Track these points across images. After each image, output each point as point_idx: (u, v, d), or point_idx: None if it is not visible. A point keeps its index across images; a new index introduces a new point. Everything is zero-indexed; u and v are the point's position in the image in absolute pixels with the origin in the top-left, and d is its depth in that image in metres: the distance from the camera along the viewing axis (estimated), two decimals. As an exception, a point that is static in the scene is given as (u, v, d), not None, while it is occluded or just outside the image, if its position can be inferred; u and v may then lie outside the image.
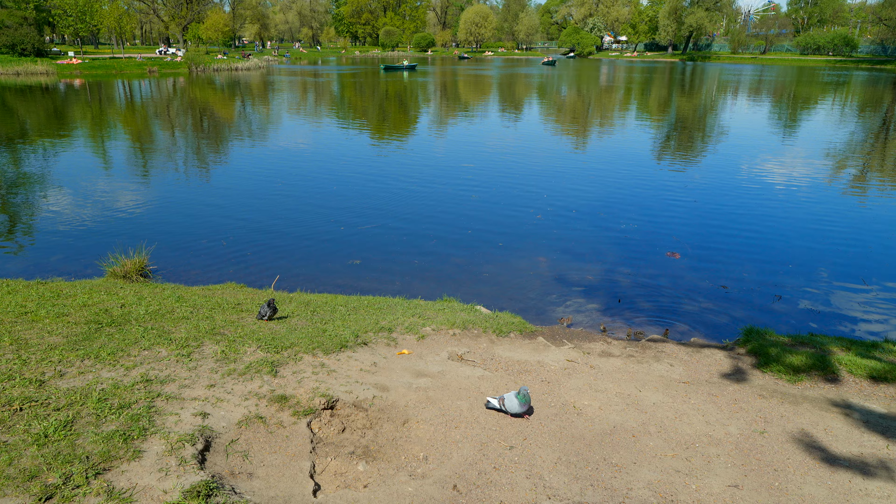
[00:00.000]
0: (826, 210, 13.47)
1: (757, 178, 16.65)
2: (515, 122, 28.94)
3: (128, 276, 8.51)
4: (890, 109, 35.63)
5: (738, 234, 11.66)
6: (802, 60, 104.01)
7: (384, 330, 6.30)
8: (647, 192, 14.93)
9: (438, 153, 20.21)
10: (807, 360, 5.74)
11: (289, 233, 11.50)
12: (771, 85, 55.67)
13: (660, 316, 8.27)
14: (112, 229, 11.54)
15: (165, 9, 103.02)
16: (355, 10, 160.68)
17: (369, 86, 50.98)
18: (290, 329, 6.12)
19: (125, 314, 6.20)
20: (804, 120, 31.02)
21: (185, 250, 10.49)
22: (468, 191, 14.75)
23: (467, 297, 8.45)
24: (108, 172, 16.86)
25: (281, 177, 16.25)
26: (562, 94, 45.12)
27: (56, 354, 4.82)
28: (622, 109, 35.82)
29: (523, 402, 4.52)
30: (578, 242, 11.16)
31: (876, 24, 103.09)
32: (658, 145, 22.59)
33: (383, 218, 12.43)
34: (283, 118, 29.74)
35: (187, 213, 12.89)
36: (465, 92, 46.53)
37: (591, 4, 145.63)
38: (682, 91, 49.47)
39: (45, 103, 34.82)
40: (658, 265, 10.07)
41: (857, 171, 17.96)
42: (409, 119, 29.79)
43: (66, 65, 58.87)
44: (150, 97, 40.11)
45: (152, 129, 25.64)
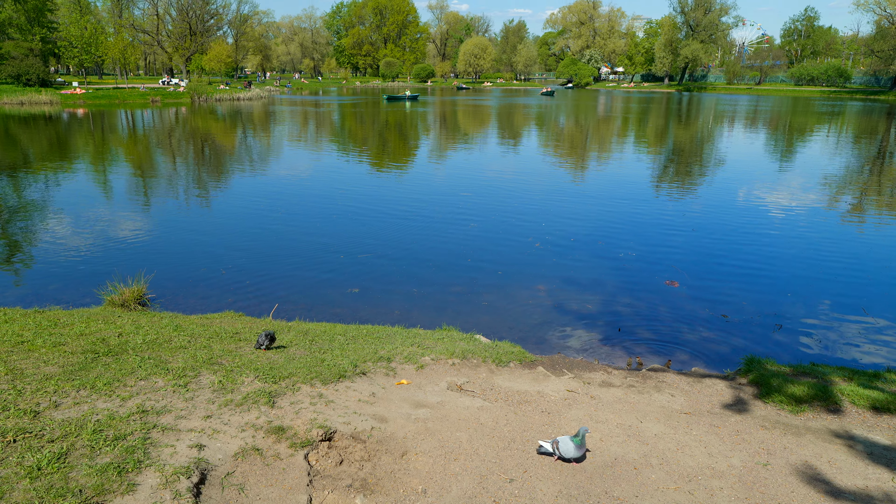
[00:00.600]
0: (824, 239, 13.51)
1: (755, 206, 16.74)
2: (514, 151, 29.20)
3: (126, 305, 8.48)
4: (885, 139, 36.00)
5: (737, 263, 11.68)
6: (797, 91, 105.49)
7: (383, 359, 6.26)
8: (646, 221, 14.98)
9: (438, 182, 20.35)
10: (809, 390, 5.70)
11: (288, 261, 11.50)
12: (767, 115, 56.34)
13: (660, 345, 8.23)
14: (111, 257, 11.54)
15: (169, 40, 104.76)
16: (356, 42, 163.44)
17: (370, 116, 51.55)
18: (288, 359, 6.08)
19: (122, 343, 6.16)
20: (800, 149, 31.32)
21: (184, 278, 10.48)
22: (467, 219, 14.80)
23: (467, 325, 8.41)
24: (109, 200, 16.93)
25: (281, 205, 16.32)
26: (560, 124, 45.61)
27: (52, 384, 4.78)
28: (620, 139, 36.18)
29: (580, 445, 4.24)
30: (577, 271, 11.16)
31: (868, 55, 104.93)
32: (656, 174, 22.76)
33: (382, 247, 12.45)
34: (284, 147, 30.00)
35: (187, 241, 12.91)
36: (464, 122, 47.03)
37: (588, 37, 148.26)
38: (680, 121, 50.04)
39: (47, 132, 35.15)
40: (657, 294, 10.05)
41: (855, 200, 18.07)
42: (409, 148, 30.06)
43: (70, 94, 59.59)
44: (152, 126, 40.51)
45: (153, 157, 25.84)
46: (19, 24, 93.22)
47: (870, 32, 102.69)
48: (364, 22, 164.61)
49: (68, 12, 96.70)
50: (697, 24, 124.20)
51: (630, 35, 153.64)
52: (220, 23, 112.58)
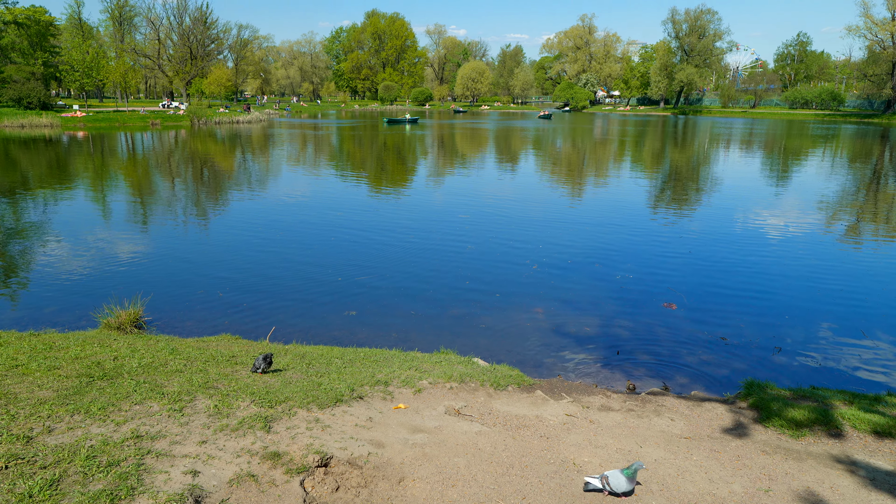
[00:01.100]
0: (821, 261, 13.54)
1: (751, 228, 16.80)
2: (512, 174, 29.36)
3: (122, 328, 8.43)
4: (879, 162, 36.30)
5: (735, 285, 11.68)
6: (791, 114, 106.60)
7: (380, 383, 6.21)
8: (642, 243, 15.02)
9: (436, 205, 20.42)
10: (809, 414, 5.66)
11: (285, 283, 11.48)
12: (762, 138, 56.85)
13: (659, 368, 8.19)
14: (108, 280, 11.51)
15: (170, 64, 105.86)
16: (355, 66, 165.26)
17: (369, 139, 51.90)
18: (285, 382, 6.03)
19: (118, 367, 6.11)
20: (796, 172, 31.55)
21: (181, 301, 10.44)
22: (465, 242, 14.82)
23: (465, 348, 8.38)
24: (107, 223, 16.95)
25: (279, 228, 16.34)
26: (558, 147, 45.95)
27: (45, 409, 4.73)
28: (617, 161, 36.42)
29: (630, 478, 4.09)
30: (575, 293, 11.15)
31: (861, 80, 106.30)
32: (653, 197, 22.88)
33: (380, 269, 12.44)
34: (283, 170, 30.15)
35: (185, 263, 12.89)
36: (462, 145, 47.36)
37: (584, 61, 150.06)
38: (676, 144, 50.45)
39: (47, 154, 35.30)
40: (655, 316, 10.03)
41: (851, 223, 18.15)
42: (408, 171, 30.21)
43: (71, 117, 59.97)
44: (151, 149, 40.73)
45: (152, 180, 25.93)
46: (22, 49, 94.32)
47: (862, 57, 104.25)
48: (363, 46, 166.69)
49: (71, 37, 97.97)
50: (692, 48, 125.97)
51: (625, 59, 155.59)
52: (220, 47, 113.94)
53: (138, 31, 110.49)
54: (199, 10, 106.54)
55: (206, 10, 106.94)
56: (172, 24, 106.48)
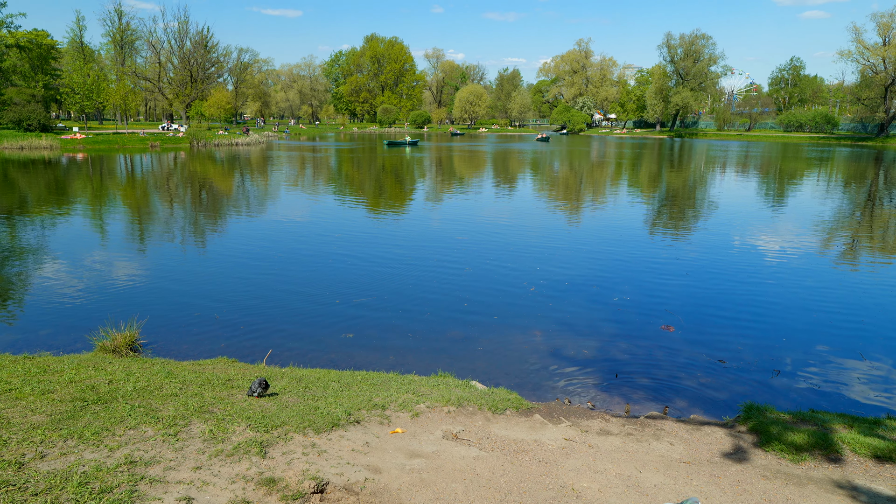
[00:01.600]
0: (818, 282, 13.56)
1: (748, 251, 16.84)
2: (510, 196, 29.49)
3: (117, 351, 8.38)
4: (874, 184, 36.56)
5: (732, 307, 11.67)
6: (786, 137, 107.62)
7: (377, 407, 6.16)
8: (640, 265, 15.03)
9: (434, 227, 20.46)
10: (809, 438, 5.62)
11: (283, 306, 11.44)
12: (757, 160, 57.30)
13: (658, 391, 8.14)
14: (105, 302, 11.46)
15: (170, 87, 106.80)
16: (354, 89, 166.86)
17: (368, 161, 52.18)
18: (281, 406, 5.98)
19: (112, 391, 6.06)
20: (792, 194, 31.74)
21: (178, 323, 10.39)
22: (462, 264, 14.83)
23: (462, 371, 8.33)
24: (104, 244, 16.93)
25: (277, 250, 16.34)
26: (556, 169, 46.23)
27: (38, 434, 4.68)
28: (614, 183, 36.63)
29: None
30: (573, 315, 11.13)
31: (854, 103, 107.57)
32: (650, 219, 22.97)
33: (377, 290, 12.42)
34: (281, 192, 30.24)
35: (181, 285, 12.86)
36: (461, 167, 47.63)
37: (581, 85, 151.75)
38: (672, 166, 50.80)
39: (45, 176, 35.40)
40: (653, 339, 10.01)
41: (847, 245, 18.21)
42: (406, 193, 30.33)
43: (70, 139, 60.27)
44: (150, 171, 40.87)
45: (150, 201, 25.98)
46: (23, 72, 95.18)
47: (855, 81, 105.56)
48: (362, 70, 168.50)
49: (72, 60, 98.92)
50: (687, 72, 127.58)
51: (622, 83, 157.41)
52: (220, 70, 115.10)
53: (139, 54, 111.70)
54: (200, 34, 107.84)
55: (206, 34, 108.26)
56: (173, 48, 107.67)
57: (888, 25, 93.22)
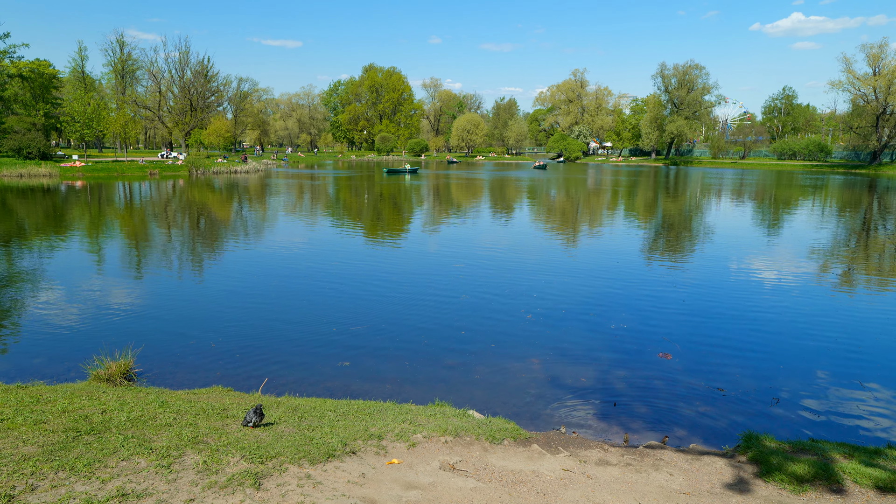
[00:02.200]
0: (815, 309, 13.56)
1: (745, 278, 16.88)
2: (508, 223, 29.60)
3: (111, 380, 8.30)
4: (868, 211, 36.83)
5: (729, 335, 11.65)
6: (780, 165, 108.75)
7: (374, 437, 6.10)
8: (636, 292, 15.03)
9: (431, 254, 20.49)
10: (810, 468, 5.57)
11: (279, 334, 11.38)
12: (752, 188, 57.77)
13: (656, 420, 8.08)
14: (100, 330, 11.39)
15: (170, 116, 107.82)
16: (352, 118, 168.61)
17: (366, 189, 52.46)
18: (277, 437, 5.91)
19: (105, 421, 5.99)
20: (787, 221, 31.93)
21: (173, 351, 10.32)
22: (459, 291, 14.81)
23: (459, 400, 8.26)
24: (101, 271, 16.90)
25: (274, 277, 16.32)
26: (554, 197, 46.51)
27: (29, 466, 4.61)
28: (611, 211, 36.83)
29: None
30: (570, 343, 11.09)
31: (847, 132, 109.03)
32: (646, 245, 23.04)
33: (375, 318, 12.38)
34: (279, 219, 30.32)
35: (178, 313, 12.80)
36: (458, 195, 47.90)
37: (577, 113, 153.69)
38: (668, 193, 51.16)
39: (44, 203, 35.49)
40: (651, 366, 9.96)
41: (843, 271, 18.26)
42: (404, 220, 30.44)
43: (69, 167, 60.58)
44: (149, 198, 41.01)
45: (147, 228, 26.01)
46: (24, 100, 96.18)
47: (846, 110, 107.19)
48: (360, 99, 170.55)
49: (73, 89, 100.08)
50: (681, 101, 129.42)
51: (617, 112, 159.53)
52: (220, 99, 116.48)
53: (140, 83, 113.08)
54: (201, 64, 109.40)
55: (207, 64, 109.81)
56: (174, 77, 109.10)
57: (878, 56, 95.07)
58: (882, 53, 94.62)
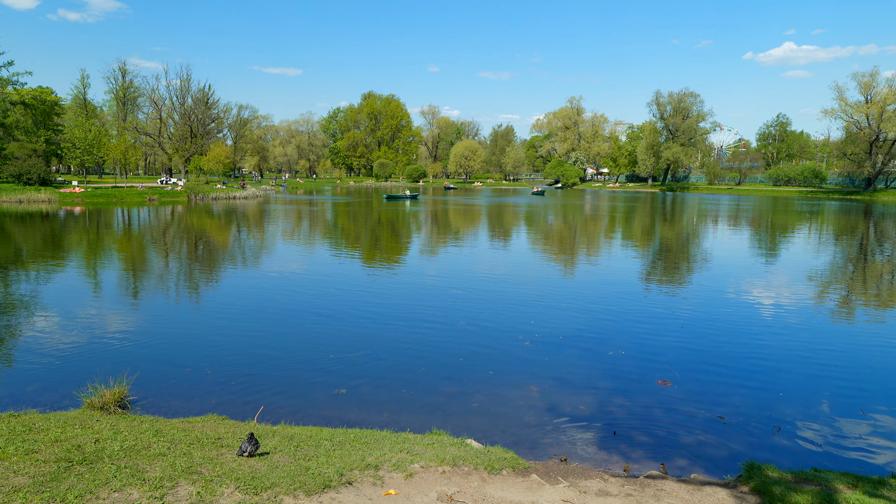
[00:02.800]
0: (814, 336, 13.51)
1: (743, 304, 16.85)
2: (506, 249, 29.63)
3: (105, 408, 8.21)
4: (865, 237, 36.97)
5: (728, 361, 11.59)
6: (776, 191, 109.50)
7: (370, 467, 6.01)
8: (634, 318, 14.99)
9: (429, 280, 20.46)
10: (813, 499, 5.49)
11: (276, 361, 11.30)
12: (749, 213, 58.06)
13: (657, 449, 7.98)
14: (95, 357, 11.30)
15: (170, 142, 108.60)
16: (351, 144, 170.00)
17: (364, 215, 52.62)
18: (272, 467, 5.83)
19: (98, 451, 5.91)
20: (785, 246, 32.01)
21: (168, 379, 10.22)
22: (457, 317, 14.76)
23: (457, 429, 8.17)
24: (97, 298, 16.83)
25: (271, 303, 16.26)
26: (552, 222, 46.66)
27: (19, 498, 4.53)
28: (609, 236, 36.92)
29: None
30: (569, 370, 11.01)
31: (841, 158, 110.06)
32: (644, 271, 23.05)
33: (371, 345, 12.30)
34: (276, 245, 30.34)
35: (174, 339, 12.72)
36: (457, 221, 48.04)
37: (573, 140, 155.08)
38: (665, 219, 51.38)
39: (41, 229, 35.49)
40: (650, 394, 9.88)
41: (842, 297, 18.25)
42: (401, 246, 30.47)
43: (69, 193, 60.78)
44: (147, 223, 41.07)
45: (145, 254, 25.99)
46: (26, 127, 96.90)
47: (840, 137, 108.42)
48: (359, 126, 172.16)
49: (74, 115, 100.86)
50: (677, 128, 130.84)
51: (613, 139, 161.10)
52: (220, 126, 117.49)
53: (141, 110, 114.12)
54: (202, 91, 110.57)
55: (207, 92, 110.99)
56: (174, 104, 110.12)
57: (869, 84, 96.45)
58: (873, 81, 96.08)
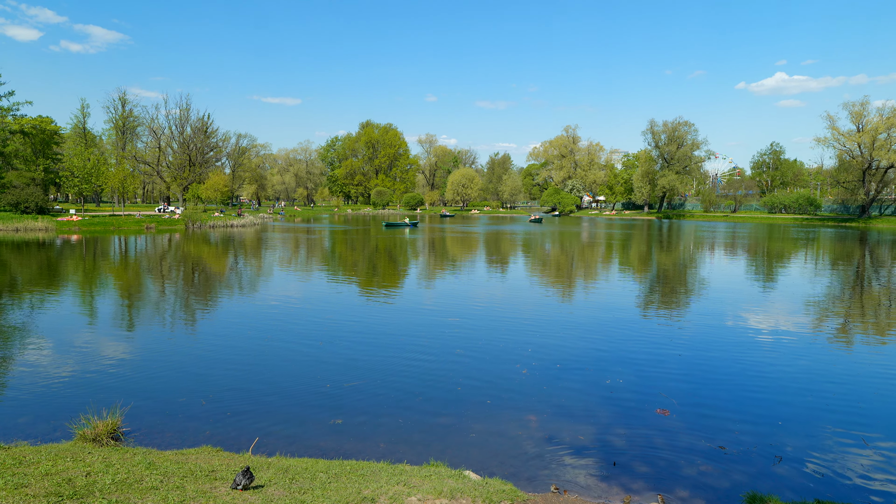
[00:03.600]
0: (813, 363, 13.45)
1: (741, 331, 16.81)
2: (503, 277, 29.62)
3: (98, 440, 8.09)
4: (861, 264, 37.09)
5: (727, 389, 11.51)
6: (771, 218, 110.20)
7: (367, 500, 5.92)
8: (632, 346, 14.92)
9: (426, 307, 20.40)
10: (816, 531, 5.40)
11: (271, 390, 11.18)
12: (745, 240, 58.29)
13: (657, 480, 7.87)
14: (88, 387, 11.18)
15: (169, 171, 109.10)
16: (349, 173, 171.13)
17: (361, 243, 52.68)
18: (266, 500, 5.73)
19: (89, 484, 5.80)
20: (782, 273, 32.07)
21: (163, 409, 10.10)
22: (454, 345, 14.68)
23: (456, 460, 8.06)
24: (92, 326, 16.71)
25: (268, 331, 16.16)
26: (547, 250, 46.75)
27: (7, 534, 4.43)
28: (606, 263, 36.96)
29: None
30: (567, 399, 10.92)
31: (835, 186, 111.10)
32: (641, 299, 23.03)
33: (368, 374, 12.20)
34: (273, 273, 30.28)
35: (168, 369, 12.59)
36: (455, 248, 48.10)
37: (570, 168, 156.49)
38: (662, 246, 51.55)
39: (37, 257, 35.41)
40: (650, 424, 9.79)
41: (840, 324, 18.23)
42: (399, 274, 30.44)
43: (66, 221, 60.82)
44: (144, 252, 41.03)
45: (140, 282, 25.89)
46: (25, 156, 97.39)
47: (833, 165, 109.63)
48: (357, 154, 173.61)
49: (74, 144, 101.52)
50: (671, 157, 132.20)
51: (609, 167, 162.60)
52: (219, 155, 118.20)
53: (140, 139, 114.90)
54: (201, 120, 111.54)
55: (207, 121, 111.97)
56: (174, 133, 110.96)
57: (860, 113, 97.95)
58: (864, 111, 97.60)
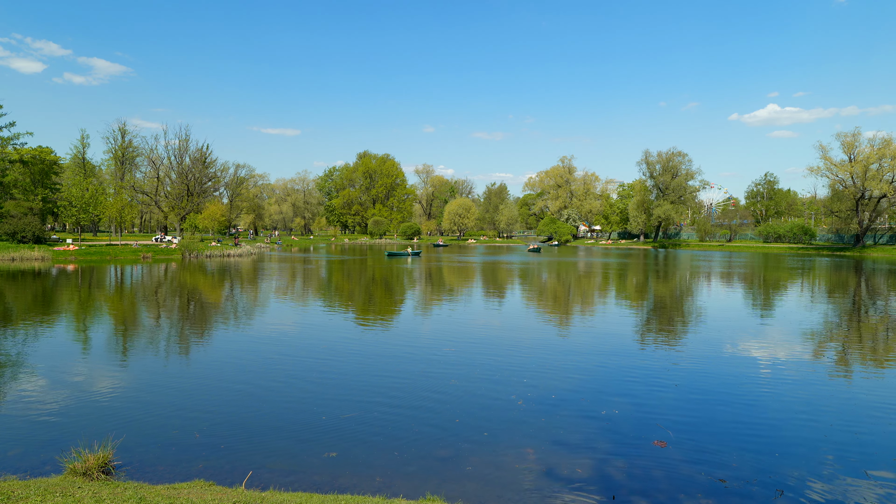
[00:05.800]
0: (811, 394, 13.36)
1: (738, 360, 16.74)
2: (500, 306, 29.55)
3: (88, 474, 7.96)
4: (857, 292, 37.15)
5: (725, 420, 11.42)
6: (766, 247, 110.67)
7: (361, 536, 5.80)
8: (628, 376, 14.83)
9: (421, 337, 20.30)
10: (818, 567, 5.31)
11: (266, 422, 11.06)
12: (741, 269, 58.42)
13: (657, 514, 7.76)
14: (80, 419, 11.03)
15: (167, 200, 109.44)
16: (346, 203, 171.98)
17: (359, 272, 52.62)
18: (258, 536, 5.62)
19: (79, 520, 5.69)
20: (779, 302, 32.07)
21: (155, 442, 9.96)
22: (448, 375, 14.57)
23: (452, 494, 7.95)
24: (85, 357, 16.56)
25: (262, 362, 16.04)
26: (544, 279, 46.76)
27: (-7, 572, 4.33)
28: (602, 292, 36.94)
29: None
30: (564, 430, 10.81)
31: (828, 215, 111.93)
32: (638, 328, 22.96)
33: (364, 406, 12.08)
34: (268, 302, 30.17)
35: (162, 400, 12.45)
36: (451, 278, 48.07)
37: (566, 198, 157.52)
38: (658, 275, 51.60)
39: (33, 287, 35.25)
40: (648, 456, 9.68)
41: (838, 353, 18.17)
42: (395, 303, 30.36)
43: (63, 251, 60.74)
44: (140, 281, 40.89)
45: (135, 312, 25.75)
46: (24, 185, 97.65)
47: (826, 194, 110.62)
48: (354, 184, 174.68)
49: (73, 174, 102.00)
50: (666, 186, 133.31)
51: (605, 196, 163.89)
52: (217, 185, 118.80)
53: (139, 169, 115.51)
54: (200, 151, 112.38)
55: (205, 151, 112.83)
56: (172, 164, 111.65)
57: (852, 144, 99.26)
58: (856, 141, 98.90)
